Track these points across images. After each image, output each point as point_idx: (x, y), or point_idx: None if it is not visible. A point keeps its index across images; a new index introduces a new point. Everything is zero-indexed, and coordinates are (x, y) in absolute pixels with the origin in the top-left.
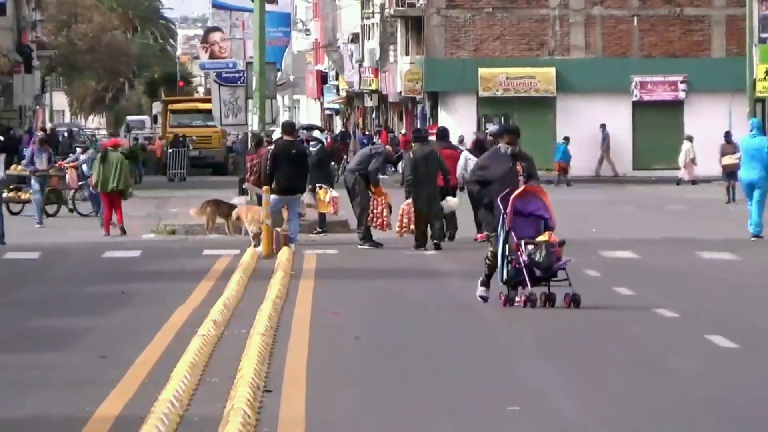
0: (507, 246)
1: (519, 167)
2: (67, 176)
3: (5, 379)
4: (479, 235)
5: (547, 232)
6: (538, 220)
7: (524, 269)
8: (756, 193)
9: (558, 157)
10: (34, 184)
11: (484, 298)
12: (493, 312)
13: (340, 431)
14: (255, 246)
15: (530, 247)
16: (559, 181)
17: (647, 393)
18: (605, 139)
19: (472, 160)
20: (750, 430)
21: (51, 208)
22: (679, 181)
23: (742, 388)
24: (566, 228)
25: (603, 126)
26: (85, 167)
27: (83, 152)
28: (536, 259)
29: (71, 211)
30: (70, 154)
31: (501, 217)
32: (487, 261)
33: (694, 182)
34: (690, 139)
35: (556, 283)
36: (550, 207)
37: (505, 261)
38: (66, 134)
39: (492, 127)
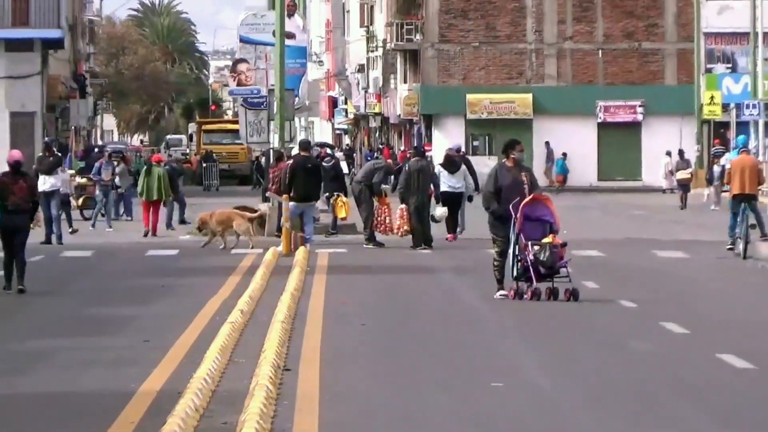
0: (517, 246)
1: (524, 177)
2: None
3: (64, 358)
4: (449, 236)
5: (551, 235)
6: (545, 224)
7: (531, 267)
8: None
9: (558, 171)
10: (98, 193)
11: (504, 296)
12: (480, 301)
13: (350, 404)
14: (205, 244)
15: (536, 247)
16: (559, 191)
17: (610, 370)
18: (549, 154)
19: (444, 173)
20: (699, 402)
21: (88, 213)
22: (664, 191)
23: (692, 367)
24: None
25: (547, 143)
26: (117, 179)
27: (117, 165)
28: (541, 258)
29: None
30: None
31: (512, 221)
32: (495, 263)
33: (672, 191)
34: (669, 154)
35: (558, 279)
36: (555, 213)
37: (515, 260)
38: (96, 150)
39: (455, 145)
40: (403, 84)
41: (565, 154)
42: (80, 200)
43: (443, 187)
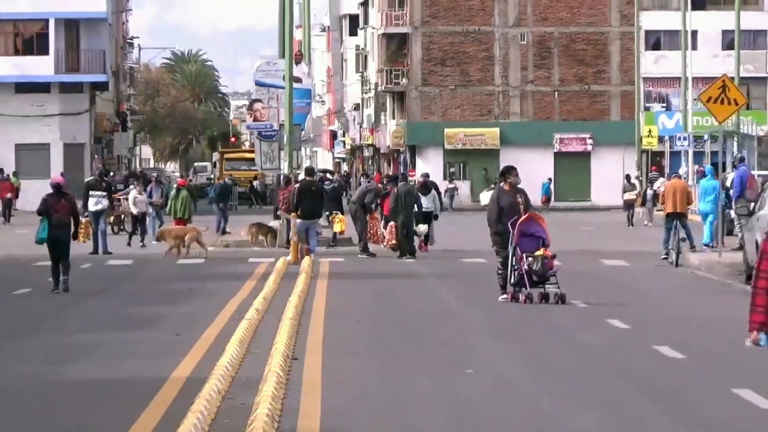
0: (514, 258)
1: (519, 199)
2: (123, 204)
3: (107, 350)
4: (423, 247)
5: (542, 248)
6: (538, 239)
7: (525, 275)
8: (709, 217)
9: (543, 192)
10: (152, 211)
11: (506, 299)
12: (456, 302)
13: (347, 388)
14: (167, 253)
15: (530, 259)
16: (541, 210)
17: (564, 360)
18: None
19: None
20: (638, 386)
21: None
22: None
23: (632, 357)
24: None
25: (485, 169)
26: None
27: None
28: (534, 267)
29: (120, 231)
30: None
31: (510, 236)
32: (498, 272)
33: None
34: (628, 178)
35: (549, 285)
36: (547, 229)
37: (512, 269)
38: (126, 174)
39: (424, 173)
40: (392, 120)
41: (550, 179)
42: (111, 218)
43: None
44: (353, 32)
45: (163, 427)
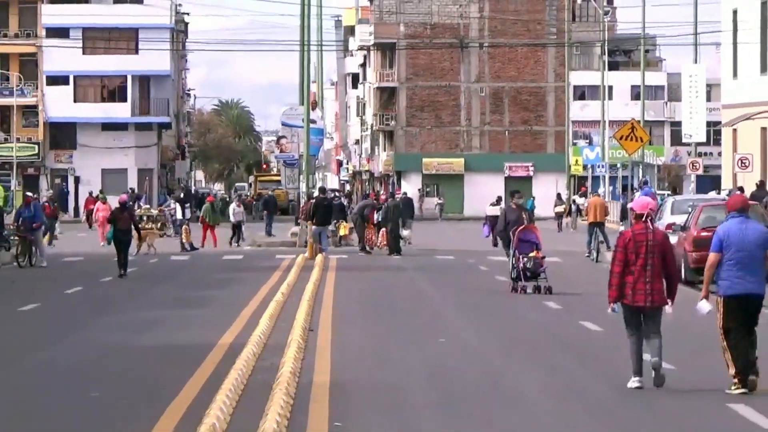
0: (514, 258)
1: (524, 215)
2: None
3: (170, 323)
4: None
5: (535, 251)
6: (533, 244)
7: (521, 272)
8: None
9: (529, 208)
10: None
11: (512, 288)
12: (432, 288)
13: (350, 351)
14: (147, 250)
15: (525, 259)
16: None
17: (513, 332)
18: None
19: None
20: (568, 351)
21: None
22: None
23: (564, 330)
24: (484, 243)
25: (405, 193)
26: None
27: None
28: (528, 266)
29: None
30: (165, 202)
31: (512, 242)
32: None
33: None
34: (559, 196)
35: (540, 279)
36: (540, 237)
37: (513, 267)
38: (166, 192)
39: (402, 192)
40: (383, 152)
41: (534, 197)
42: (158, 225)
43: None
44: (355, 86)
45: (212, 381)
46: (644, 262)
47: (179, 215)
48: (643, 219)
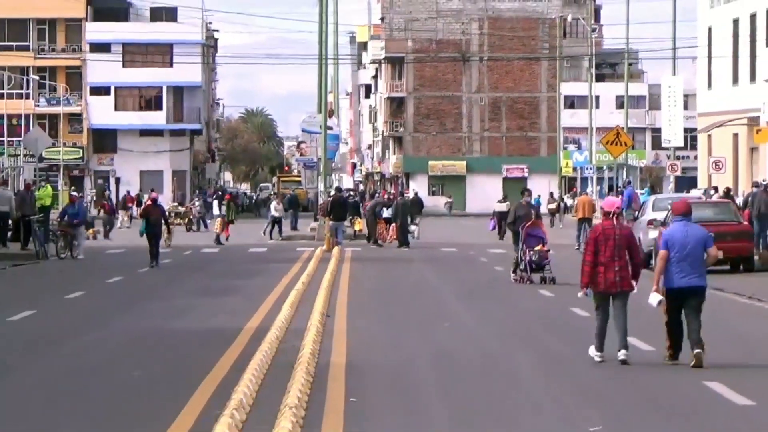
0: (521, 252)
1: (532, 211)
2: (192, 211)
3: (201, 310)
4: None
5: (540, 245)
6: (539, 238)
7: (528, 264)
8: None
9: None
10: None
11: (516, 280)
12: (437, 278)
13: (363, 335)
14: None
15: (531, 252)
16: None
17: (509, 317)
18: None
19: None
20: (558, 333)
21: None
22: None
23: (554, 316)
24: (485, 237)
25: (416, 192)
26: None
27: (214, 198)
28: (534, 258)
29: (190, 230)
30: (194, 200)
31: (520, 236)
32: (513, 261)
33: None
34: (551, 195)
35: (546, 271)
36: (545, 231)
37: (520, 259)
38: (198, 191)
39: (409, 191)
40: (393, 155)
41: (540, 195)
42: (186, 220)
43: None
44: (367, 96)
45: (240, 361)
46: (612, 254)
47: (216, 211)
48: (611, 216)
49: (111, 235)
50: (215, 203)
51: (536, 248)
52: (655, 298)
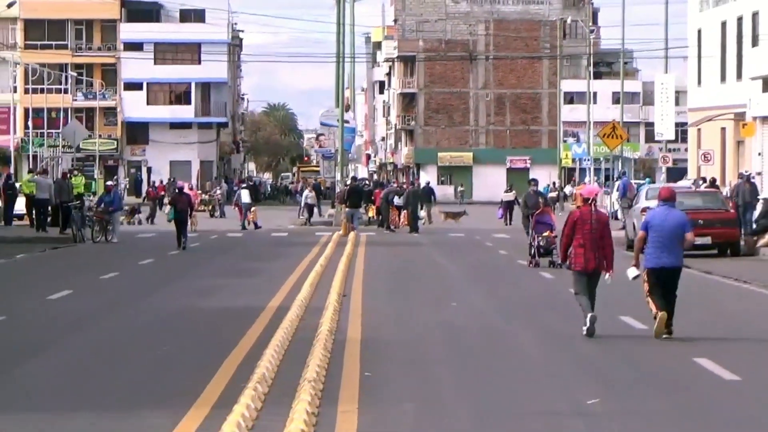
0: (531, 237)
1: (540, 199)
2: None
3: (225, 290)
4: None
5: (548, 231)
6: (547, 225)
7: (536, 249)
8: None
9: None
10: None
11: (530, 263)
12: (445, 260)
13: (377, 313)
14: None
15: (540, 238)
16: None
17: (513, 297)
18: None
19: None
20: (560, 313)
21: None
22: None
23: (557, 297)
24: (490, 223)
25: (428, 182)
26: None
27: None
28: (542, 243)
29: (212, 216)
30: (216, 188)
31: (530, 223)
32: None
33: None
34: (553, 184)
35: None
36: (554, 218)
37: (530, 245)
38: (224, 180)
39: (421, 181)
40: (405, 147)
41: (547, 184)
42: (209, 207)
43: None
44: (381, 92)
45: (262, 338)
46: (590, 237)
47: (245, 199)
48: (589, 202)
49: (155, 221)
50: (245, 192)
51: (544, 234)
52: (632, 272)
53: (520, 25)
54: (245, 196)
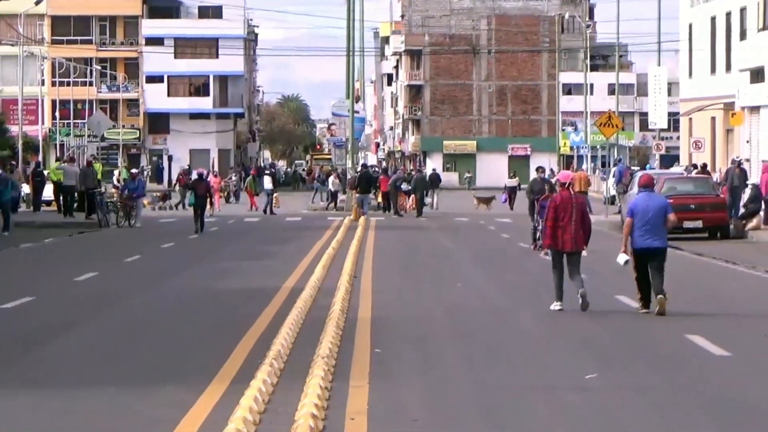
0: (535, 222)
1: (546, 186)
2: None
3: (243, 271)
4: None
5: None
6: None
7: (541, 232)
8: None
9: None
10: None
11: (533, 246)
12: (451, 243)
13: (386, 293)
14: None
15: (543, 222)
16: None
17: (514, 278)
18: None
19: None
20: (551, 289)
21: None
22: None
23: (550, 273)
24: (493, 208)
25: (434, 169)
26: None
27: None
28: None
29: (228, 202)
30: (231, 175)
31: (535, 208)
32: (532, 231)
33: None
34: (552, 171)
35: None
36: None
37: (534, 229)
38: (240, 167)
39: (427, 169)
40: (412, 136)
41: (552, 170)
42: (225, 193)
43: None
44: (389, 84)
45: (278, 317)
46: (569, 219)
47: (268, 185)
48: (566, 186)
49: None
50: (268, 179)
51: None
52: (622, 258)
53: (521, 20)
54: (267, 182)
